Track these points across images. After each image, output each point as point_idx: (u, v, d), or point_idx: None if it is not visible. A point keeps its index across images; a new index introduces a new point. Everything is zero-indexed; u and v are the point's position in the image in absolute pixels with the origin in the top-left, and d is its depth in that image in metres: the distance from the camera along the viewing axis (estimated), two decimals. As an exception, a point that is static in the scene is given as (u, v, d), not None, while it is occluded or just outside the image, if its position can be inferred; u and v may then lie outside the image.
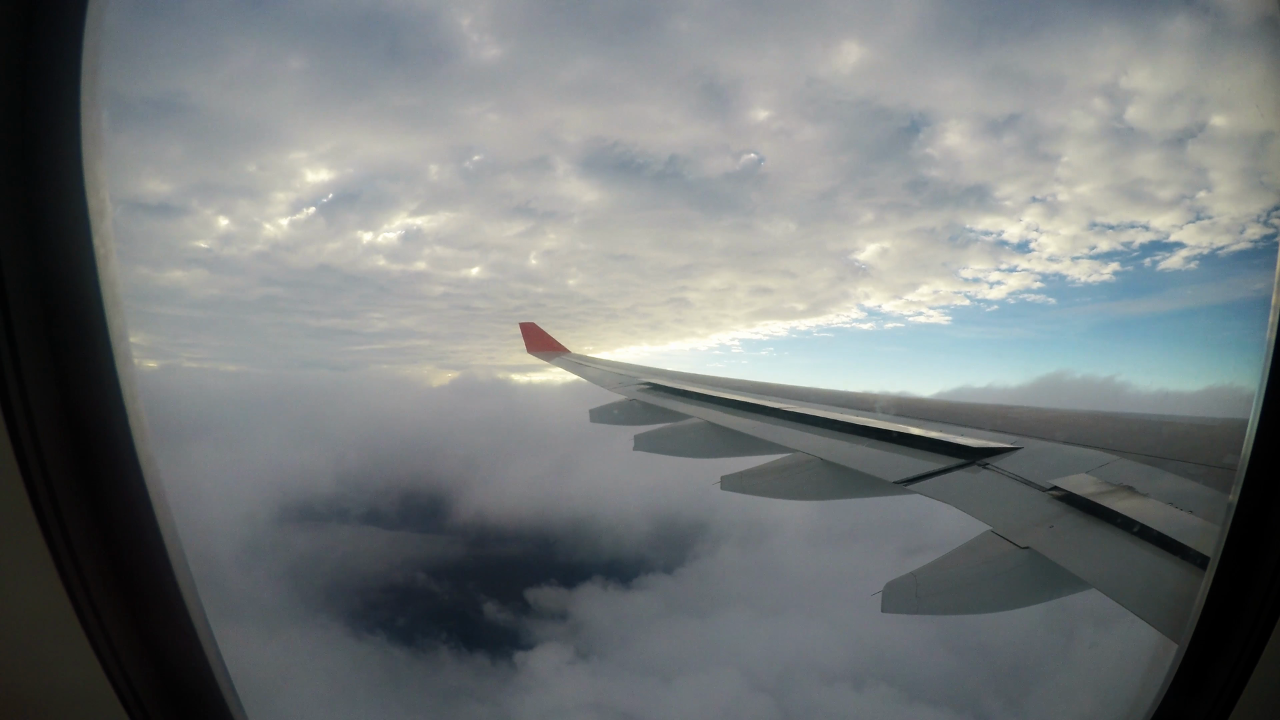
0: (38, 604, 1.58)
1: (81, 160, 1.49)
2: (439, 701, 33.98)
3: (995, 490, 4.31)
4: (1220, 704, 1.82)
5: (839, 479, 5.52)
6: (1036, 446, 4.90)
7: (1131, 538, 3.18)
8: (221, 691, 1.82)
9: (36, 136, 1.47)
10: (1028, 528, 3.65)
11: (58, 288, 1.53)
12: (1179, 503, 3.39)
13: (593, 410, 9.36)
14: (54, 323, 1.53)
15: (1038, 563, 3.38)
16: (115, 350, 1.58)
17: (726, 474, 5.95)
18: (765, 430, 6.93)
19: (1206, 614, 1.90)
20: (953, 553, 3.76)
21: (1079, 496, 3.72)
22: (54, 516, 1.53)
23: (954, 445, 5.08)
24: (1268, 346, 1.77)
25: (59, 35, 1.46)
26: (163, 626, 1.73)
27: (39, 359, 1.51)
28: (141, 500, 1.65)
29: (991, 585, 3.51)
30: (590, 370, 12.97)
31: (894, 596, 3.60)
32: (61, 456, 1.56)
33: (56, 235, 1.51)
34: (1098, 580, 3.07)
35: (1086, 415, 5.62)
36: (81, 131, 1.49)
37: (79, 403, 1.58)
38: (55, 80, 1.47)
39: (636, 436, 7.46)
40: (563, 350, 15.86)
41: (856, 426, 6.28)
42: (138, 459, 1.62)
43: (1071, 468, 4.24)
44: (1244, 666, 1.78)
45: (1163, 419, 5.05)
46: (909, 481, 4.75)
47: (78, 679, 1.64)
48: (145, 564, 1.68)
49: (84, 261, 1.52)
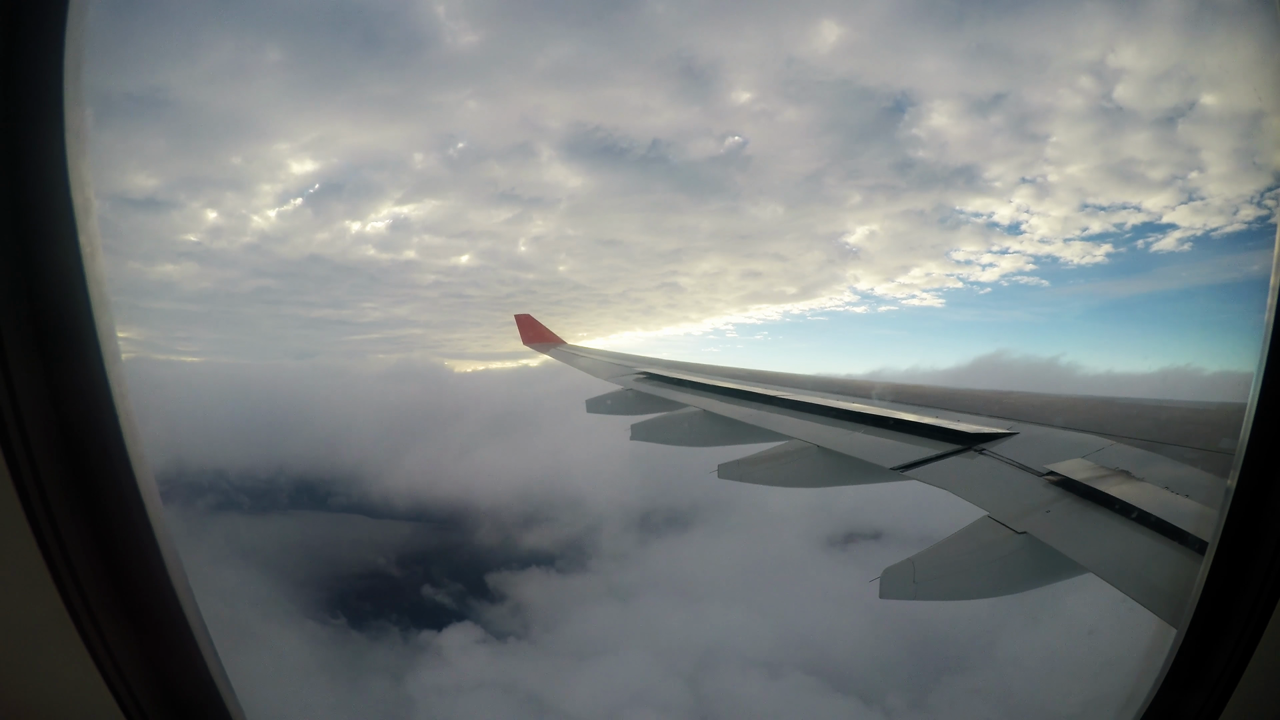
0: (31, 607, 1.56)
1: (65, 156, 1.48)
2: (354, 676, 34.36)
3: (991, 475, 4.32)
4: (1220, 688, 1.83)
5: (836, 466, 5.52)
6: (1032, 431, 4.91)
7: (1129, 522, 3.19)
8: (221, 694, 1.81)
9: (19, 133, 1.46)
10: (1024, 513, 3.66)
11: (44, 285, 1.51)
12: (1176, 487, 3.39)
13: (589, 400, 9.35)
14: (41, 321, 1.51)
15: (1035, 548, 3.39)
16: (104, 348, 1.56)
17: (723, 462, 5.95)
18: (761, 418, 6.93)
19: (1205, 599, 1.90)
20: (950, 538, 3.76)
21: (1075, 481, 3.72)
22: (46, 518, 1.52)
23: (950, 431, 5.08)
24: (1266, 329, 1.76)
25: (42, 32, 1.44)
26: (159, 628, 1.72)
27: (27, 358, 1.50)
28: (134, 499, 1.63)
29: (988, 570, 3.51)
30: (585, 360, 12.95)
31: (891, 582, 3.60)
32: (52, 456, 1.54)
33: (42, 232, 1.49)
34: (1095, 565, 3.07)
35: (1082, 400, 5.63)
36: (65, 128, 1.47)
37: (69, 402, 1.56)
38: (38, 77, 1.45)
39: (633, 426, 7.46)
40: (559, 341, 15.83)
41: (852, 413, 6.28)
42: (129, 457, 1.61)
43: (1068, 452, 4.25)
44: (1243, 651, 1.78)
45: (1159, 403, 5.06)
46: (905, 468, 4.75)
47: (74, 683, 1.63)
48: (139, 565, 1.67)
49: (70, 258, 1.50)
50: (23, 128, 1.46)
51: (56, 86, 1.45)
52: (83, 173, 1.50)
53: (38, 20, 1.44)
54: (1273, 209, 3.29)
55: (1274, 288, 1.74)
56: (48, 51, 1.45)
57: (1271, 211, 2.93)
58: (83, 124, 1.49)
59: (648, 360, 11.74)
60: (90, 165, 1.52)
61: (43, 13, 1.45)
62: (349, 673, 33.89)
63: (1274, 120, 2.16)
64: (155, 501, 1.66)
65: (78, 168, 1.49)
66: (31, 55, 1.44)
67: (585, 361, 12.85)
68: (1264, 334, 1.77)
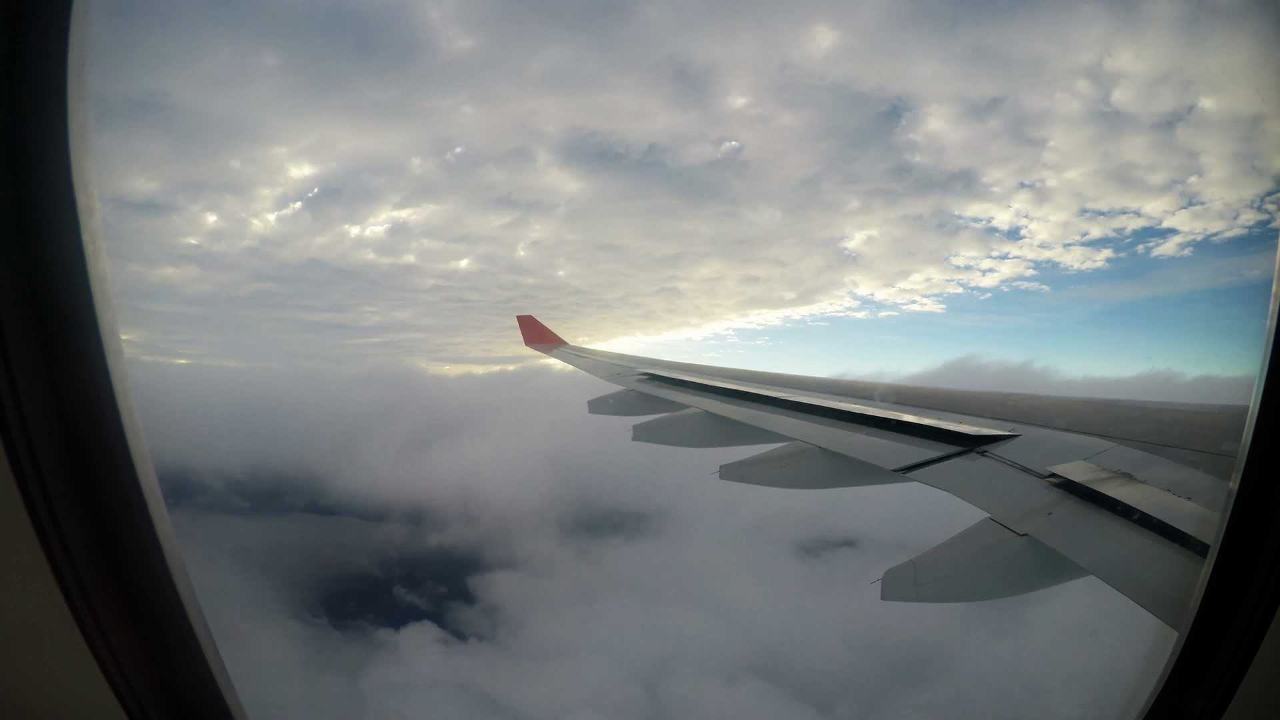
0: (33, 606, 1.57)
1: (69, 156, 1.48)
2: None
3: (993, 477, 4.32)
4: (1221, 691, 1.83)
5: (838, 467, 5.52)
6: (1034, 434, 4.90)
7: (1130, 525, 3.19)
8: (222, 693, 1.82)
9: (23, 134, 1.46)
10: (1026, 515, 3.66)
11: (47, 284, 1.51)
12: (1177, 490, 3.39)
13: (591, 401, 9.36)
14: (44, 320, 1.51)
15: (1036, 550, 3.39)
16: (107, 348, 1.56)
17: (725, 463, 5.95)
18: (763, 419, 6.93)
19: (1207, 602, 1.90)
20: (952, 540, 3.76)
21: (1077, 483, 3.72)
22: (49, 519, 1.52)
23: (952, 433, 5.08)
24: (1268, 334, 1.76)
25: (46, 33, 1.45)
26: (161, 627, 1.72)
27: (30, 357, 1.50)
28: (136, 498, 1.63)
29: (990, 572, 3.51)
30: (587, 361, 12.96)
31: (893, 584, 3.61)
32: (55, 455, 1.54)
33: (45, 231, 1.50)
34: (1097, 567, 3.07)
35: (1084, 402, 5.62)
36: (69, 129, 1.47)
37: (71, 400, 1.56)
38: (41, 76, 1.46)
39: (635, 427, 7.47)
40: (561, 343, 15.85)
41: (854, 415, 6.27)
42: (131, 456, 1.61)
43: (1069, 455, 4.24)
44: (1245, 654, 1.78)
45: (1161, 406, 5.05)
46: (907, 469, 4.75)
47: (75, 681, 1.63)
48: (142, 563, 1.67)
49: (74, 259, 1.50)
50: (26, 128, 1.46)
51: (60, 86, 1.46)
52: (86, 173, 1.50)
53: (42, 20, 1.45)
54: (1273, 213, 3.30)
55: (1276, 294, 1.75)
56: (51, 51, 1.45)
57: (1272, 216, 2.93)
58: (86, 125, 1.50)
59: (649, 361, 11.75)
60: (94, 165, 1.52)
61: (46, 13, 1.45)
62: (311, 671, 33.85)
63: (1274, 123, 2.16)
64: (158, 500, 1.66)
65: (81, 168, 1.49)
66: (35, 55, 1.44)
67: (587, 362, 12.87)
68: (1266, 338, 1.77)
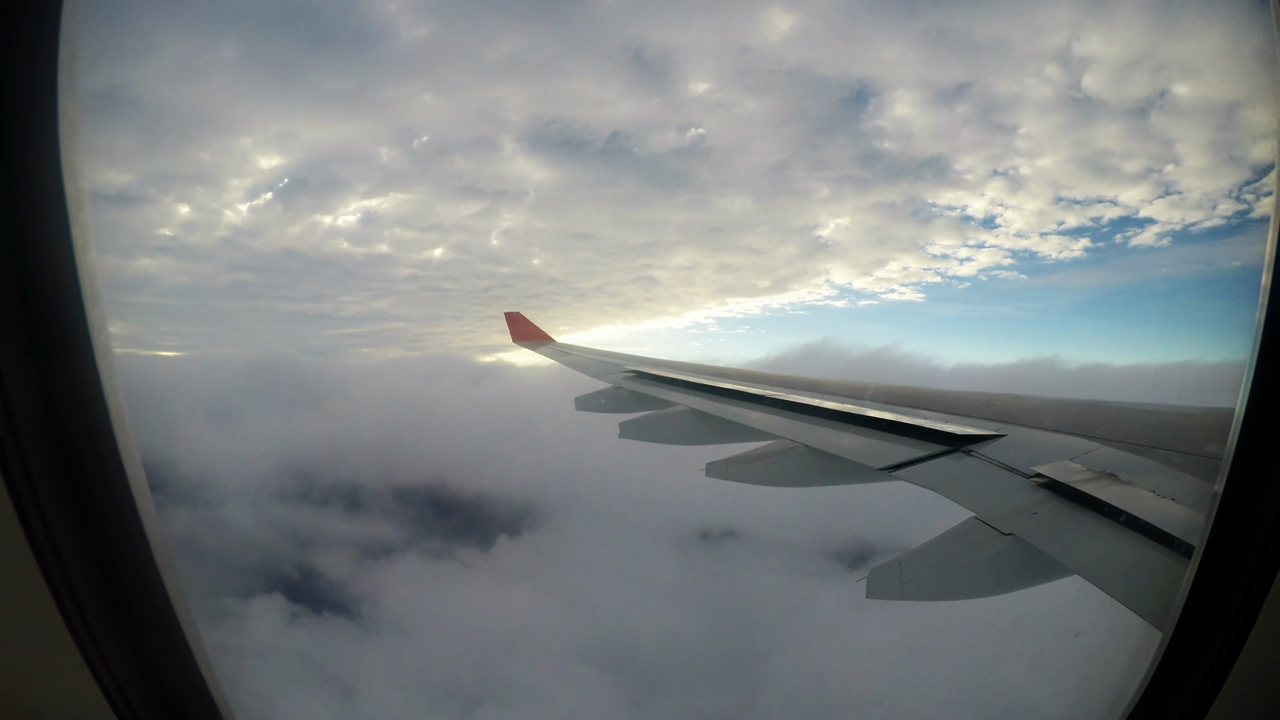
0: (23, 606, 1.55)
1: (59, 151, 1.46)
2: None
3: (979, 477, 4.33)
4: (1204, 691, 1.83)
5: (824, 466, 5.53)
6: (1020, 434, 4.93)
7: (1115, 525, 3.20)
8: (212, 694, 1.80)
9: (10, 128, 1.45)
10: (1011, 514, 3.67)
11: (36, 279, 1.49)
12: (1162, 491, 3.41)
13: (578, 398, 9.34)
14: (33, 315, 1.50)
15: (1021, 549, 3.40)
16: (95, 343, 1.55)
17: (711, 461, 5.94)
18: (751, 417, 6.93)
19: (1191, 602, 1.90)
20: (937, 539, 3.77)
21: (1062, 484, 3.74)
22: (38, 517, 1.50)
23: (938, 432, 5.10)
24: (1256, 331, 1.75)
25: (32, 27, 1.43)
26: (151, 628, 1.71)
27: (18, 353, 1.48)
28: (125, 497, 1.62)
29: (975, 571, 3.53)
30: (575, 358, 12.94)
31: (878, 582, 3.61)
32: (44, 453, 1.52)
33: (34, 226, 1.48)
34: (1081, 567, 3.09)
35: (1071, 403, 5.66)
36: (59, 122, 1.46)
37: (61, 397, 1.55)
38: (30, 70, 1.44)
39: (621, 424, 7.45)
40: (548, 339, 15.82)
41: (842, 414, 6.30)
42: (120, 453, 1.59)
43: (1055, 455, 4.27)
44: (1228, 654, 1.78)
45: (1147, 407, 5.09)
46: (893, 468, 4.76)
47: (65, 682, 1.61)
48: (131, 563, 1.65)
49: (63, 253, 1.49)
50: (13, 122, 1.45)
51: (50, 81, 1.45)
52: (76, 166, 1.49)
53: (31, 14, 1.44)
54: (1252, 203, 3.31)
55: (1265, 288, 1.73)
56: (41, 45, 1.44)
57: (1251, 206, 2.95)
58: (75, 118, 1.49)
59: (637, 359, 11.73)
60: (84, 159, 1.51)
61: (36, 8, 1.44)
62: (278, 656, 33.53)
63: (1251, 112, 2.14)
64: (147, 499, 1.65)
65: (70, 161, 1.48)
66: (25, 49, 1.43)
67: (574, 359, 12.84)
68: (1254, 336, 1.76)
